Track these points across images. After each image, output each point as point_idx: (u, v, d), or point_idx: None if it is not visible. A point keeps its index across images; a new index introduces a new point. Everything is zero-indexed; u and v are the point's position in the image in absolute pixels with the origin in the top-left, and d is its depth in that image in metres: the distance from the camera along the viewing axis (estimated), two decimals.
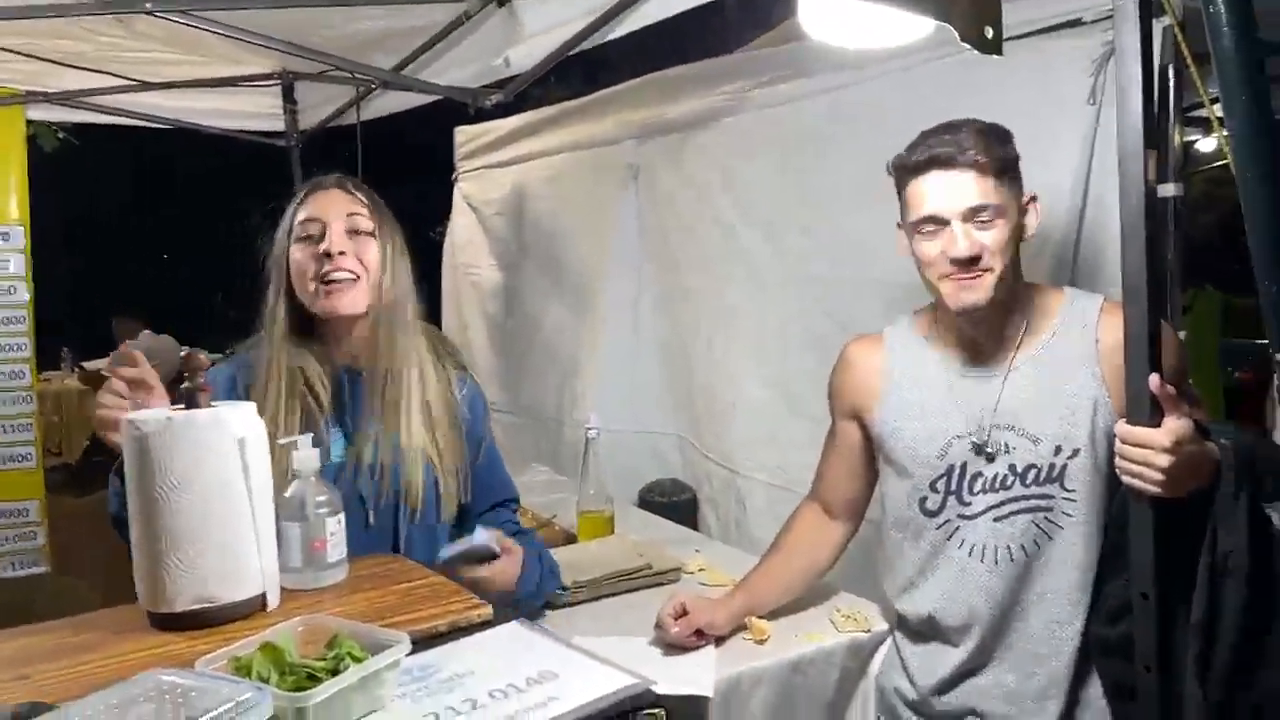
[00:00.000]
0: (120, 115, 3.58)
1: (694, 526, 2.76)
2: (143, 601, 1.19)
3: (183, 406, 1.22)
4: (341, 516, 1.34)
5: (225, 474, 1.18)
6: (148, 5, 2.04)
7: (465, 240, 4.33)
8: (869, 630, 1.60)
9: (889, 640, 1.61)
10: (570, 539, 2.19)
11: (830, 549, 1.64)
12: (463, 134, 4.39)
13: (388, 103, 3.57)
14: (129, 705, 0.84)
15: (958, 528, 1.44)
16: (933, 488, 1.45)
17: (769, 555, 1.65)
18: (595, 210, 3.39)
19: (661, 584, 1.84)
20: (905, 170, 1.40)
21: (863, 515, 1.64)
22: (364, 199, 1.53)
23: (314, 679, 0.95)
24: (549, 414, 3.75)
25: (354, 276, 1.48)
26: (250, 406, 1.24)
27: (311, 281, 1.48)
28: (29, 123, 3.50)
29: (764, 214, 2.62)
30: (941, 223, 1.37)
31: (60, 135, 3.59)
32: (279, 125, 3.84)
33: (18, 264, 3.43)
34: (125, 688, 0.89)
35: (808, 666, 1.54)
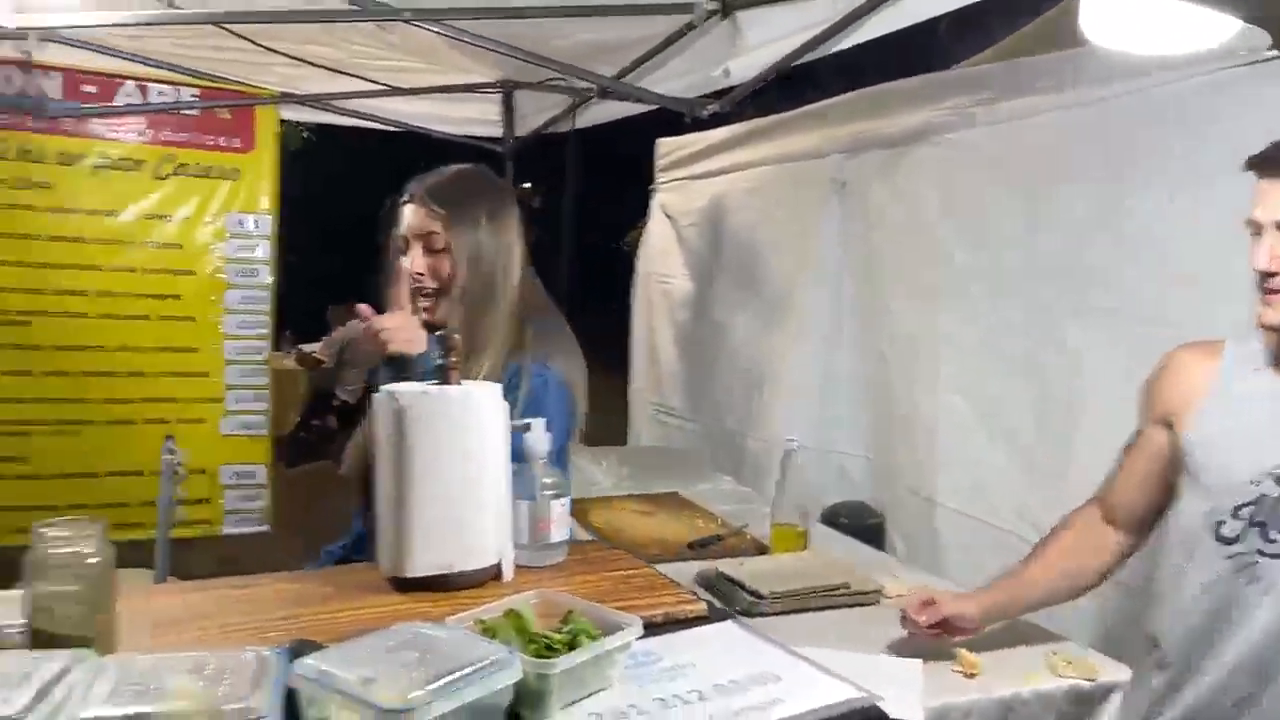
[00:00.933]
0: (359, 118, 3.88)
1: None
2: (385, 564, 1.28)
3: (436, 382, 1.30)
4: (567, 500, 1.39)
5: (473, 449, 1.26)
6: (406, 15, 2.20)
7: (659, 249, 4.41)
8: (1094, 679, 1.49)
9: (1118, 693, 1.49)
10: (762, 549, 2.17)
11: (1104, 557, 1.53)
12: (664, 145, 4.48)
13: (599, 113, 3.68)
14: (395, 650, 0.90)
15: (1255, 563, 1.32)
16: (1235, 514, 1.34)
17: (1033, 554, 1.56)
18: (796, 224, 3.37)
19: (861, 604, 1.79)
20: (1250, 165, 1.30)
21: (1145, 534, 1.53)
22: (440, 211, 1.64)
23: (552, 650, 0.99)
24: (732, 426, 3.75)
25: (432, 291, 1.65)
26: (496, 388, 1.31)
27: (408, 291, 1.68)
28: (280, 122, 3.86)
29: (984, 233, 2.52)
30: (1258, 229, 1.27)
31: (304, 134, 3.93)
32: (497, 131, 4.05)
33: (264, 250, 3.79)
34: (388, 635, 0.96)
35: (1021, 707, 1.45)
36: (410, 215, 1.66)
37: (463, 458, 1.25)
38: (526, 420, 1.41)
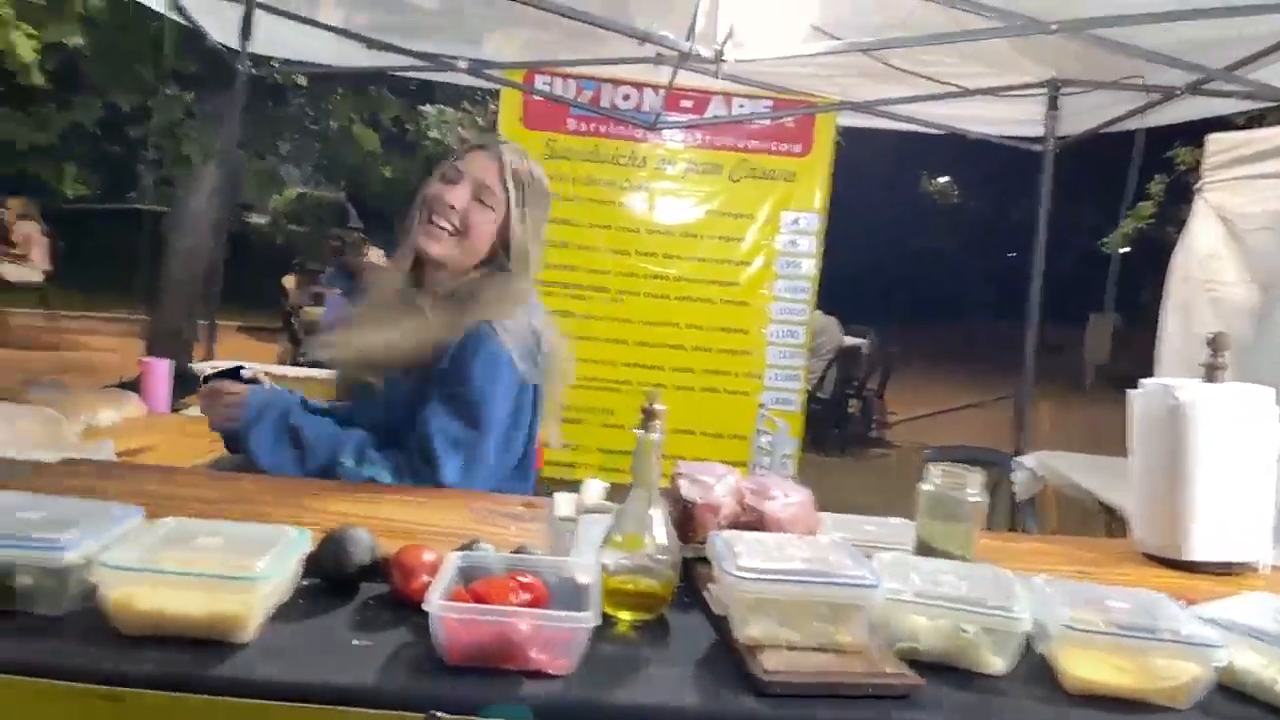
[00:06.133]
0: (902, 121, 4.09)
1: None
2: (1150, 541, 1.41)
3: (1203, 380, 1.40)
4: None
5: (1246, 445, 1.34)
6: (1053, 27, 2.31)
7: (1207, 253, 4.06)
8: None
9: None
10: None
11: None
12: (1217, 142, 4.10)
13: (1170, 113, 3.51)
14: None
15: None
16: None
17: None
18: None
19: None
20: None
21: None
22: (503, 172, 1.65)
23: None
24: None
25: (451, 231, 1.64)
26: (1268, 392, 1.38)
27: (424, 214, 1.66)
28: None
29: None
30: None
31: (836, 139, 4.24)
32: (1037, 130, 4.03)
33: (809, 245, 4.18)
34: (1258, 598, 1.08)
35: None
36: (475, 158, 1.68)
37: (1237, 452, 1.34)
38: None
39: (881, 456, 7.96)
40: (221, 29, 3.76)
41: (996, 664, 1.00)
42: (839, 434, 7.85)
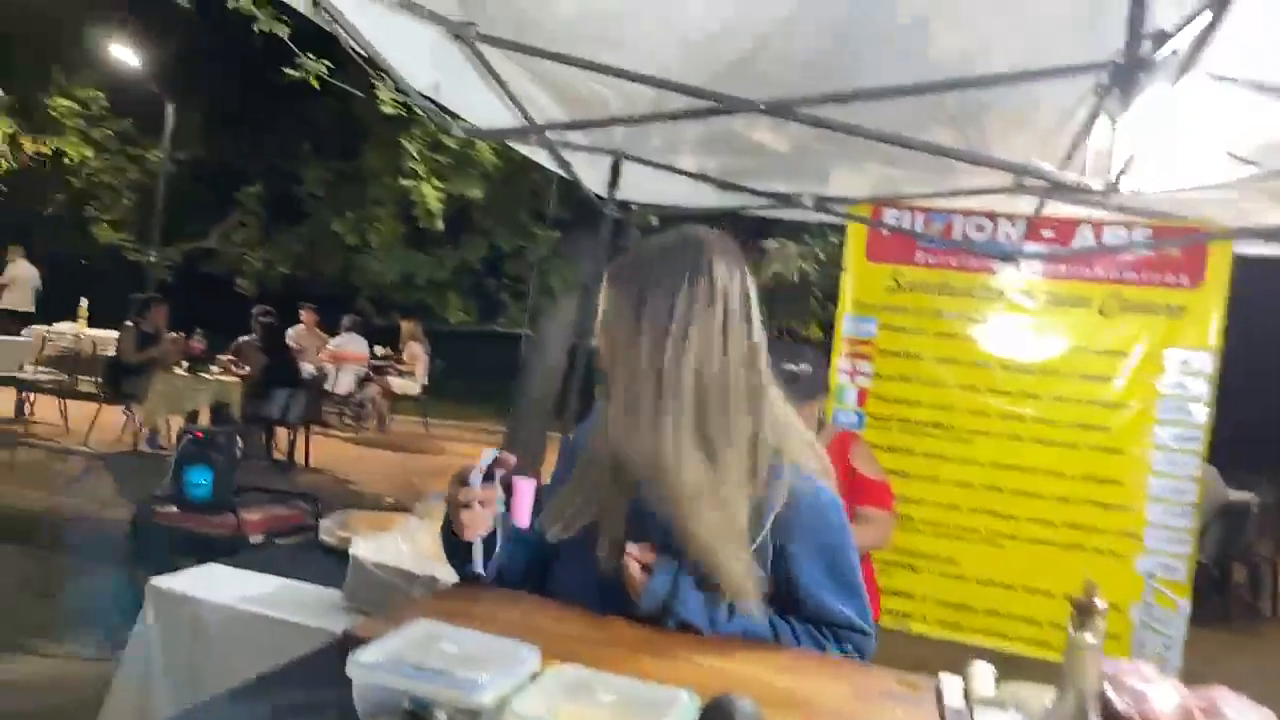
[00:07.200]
0: None
1: None
2: None
3: None
4: None
5: None
6: None
7: None
8: None
9: None
10: None
11: None
12: None
13: None
14: None
15: None
16: None
17: None
18: None
19: None
20: None
21: None
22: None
23: None
24: None
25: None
26: None
27: None
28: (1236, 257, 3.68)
29: None
30: None
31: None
32: None
33: (1198, 387, 3.64)
34: None
35: None
36: None
37: None
38: None
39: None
40: (592, 179, 4.16)
41: None
42: (1221, 604, 6.66)
